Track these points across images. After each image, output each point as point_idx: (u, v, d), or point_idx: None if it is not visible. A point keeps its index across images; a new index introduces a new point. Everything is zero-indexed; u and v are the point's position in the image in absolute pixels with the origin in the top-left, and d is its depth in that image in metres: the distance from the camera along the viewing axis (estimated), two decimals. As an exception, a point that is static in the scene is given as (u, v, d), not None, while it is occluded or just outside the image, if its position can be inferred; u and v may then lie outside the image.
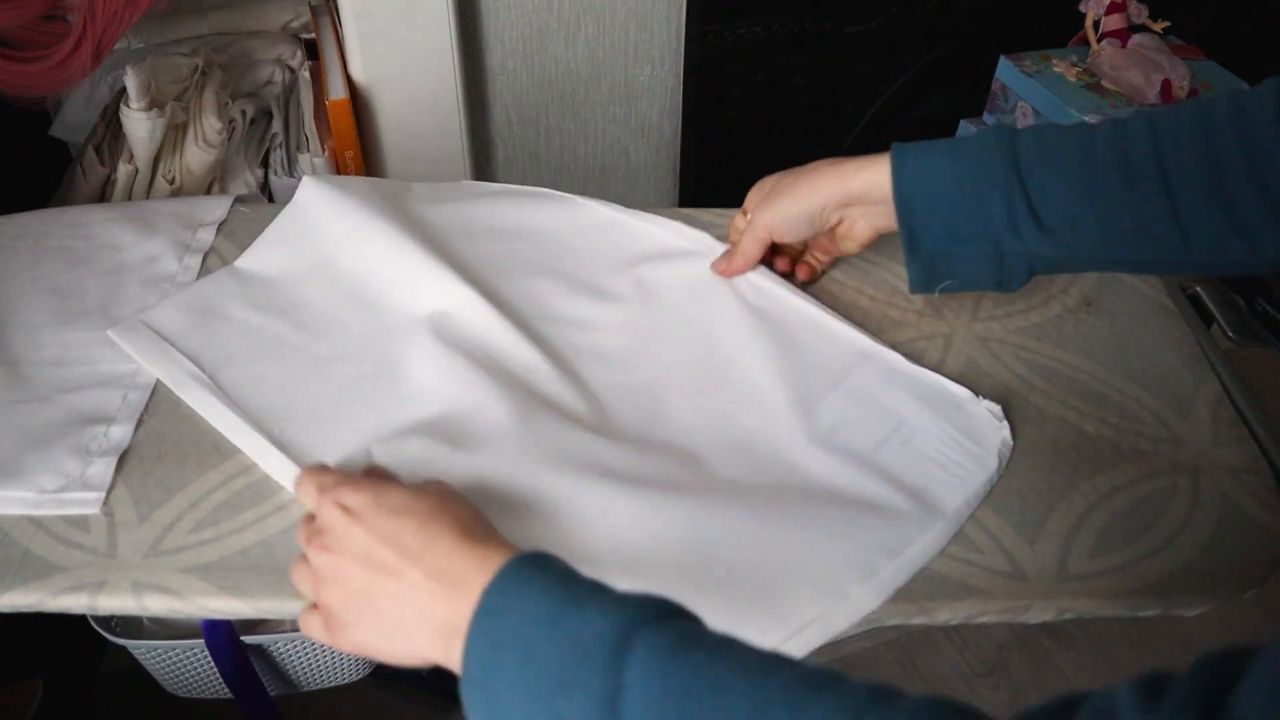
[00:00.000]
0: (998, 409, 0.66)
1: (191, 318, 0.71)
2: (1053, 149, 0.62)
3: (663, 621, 0.40)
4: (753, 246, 0.73)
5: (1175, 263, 0.62)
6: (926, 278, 0.67)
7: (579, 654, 0.39)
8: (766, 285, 0.74)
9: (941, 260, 0.66)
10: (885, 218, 0.68)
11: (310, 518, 0.52)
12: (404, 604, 0.45)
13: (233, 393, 0.66)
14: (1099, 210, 0.61)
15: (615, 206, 0.82)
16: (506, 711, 0.40)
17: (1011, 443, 0.65)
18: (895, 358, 0.69)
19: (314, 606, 0.51)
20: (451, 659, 0.43)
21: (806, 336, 0.71)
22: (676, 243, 0.79)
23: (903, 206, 0.65)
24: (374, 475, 0.54)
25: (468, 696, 0.41)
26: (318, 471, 0.54)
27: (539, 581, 0.42)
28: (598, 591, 0.42)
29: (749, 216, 0.73)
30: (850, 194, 0.68)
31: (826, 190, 0.68)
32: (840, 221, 0.71)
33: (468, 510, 0.49)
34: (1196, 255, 0.60)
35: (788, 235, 0.72)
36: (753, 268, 0.75)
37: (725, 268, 0.75)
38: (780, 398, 0.67)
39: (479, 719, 0.41)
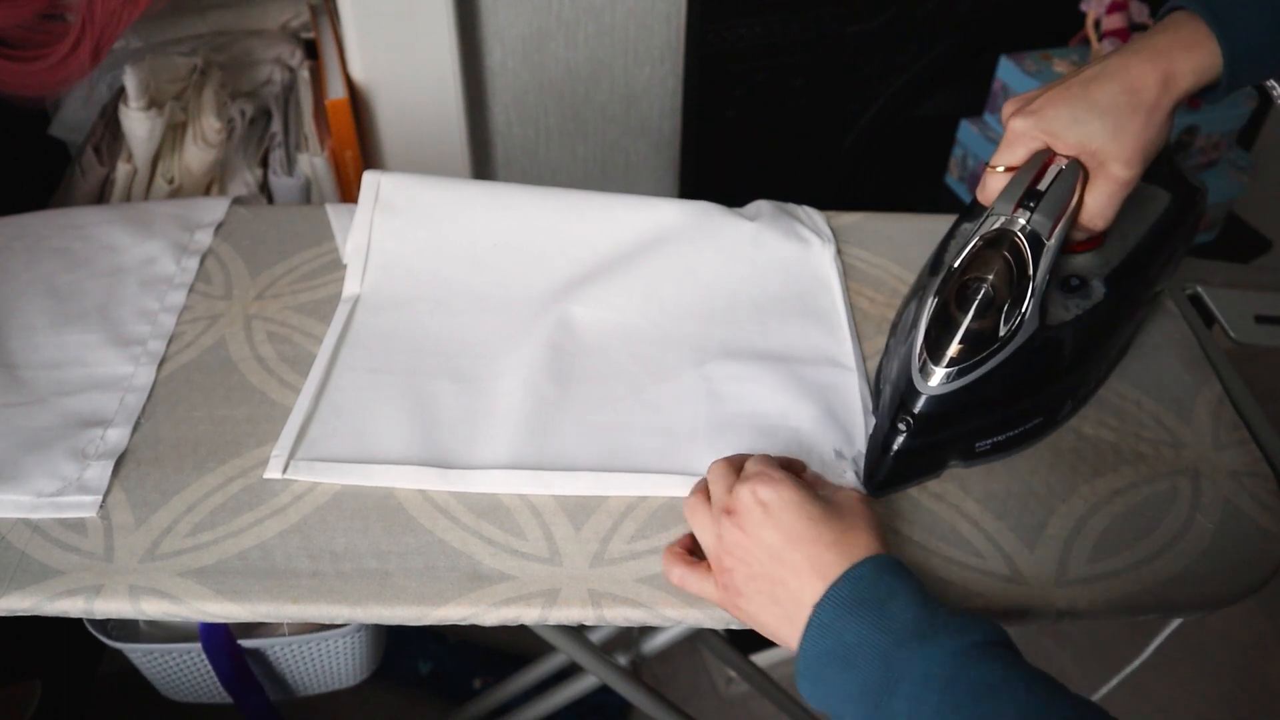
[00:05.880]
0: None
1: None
2: None
3: (957, 659, 0.45)
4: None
5: None
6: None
7: (889, 679, 0.46)
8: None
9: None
10: None
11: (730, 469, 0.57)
12: (794, 595, 0.51)
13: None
14: None
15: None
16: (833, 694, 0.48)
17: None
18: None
19: (690, 552, 0.58)
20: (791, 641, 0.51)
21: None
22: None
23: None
24: (784, 467, 0.57)
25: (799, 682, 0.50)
26: (733, 458, 0.59)
27: (859, 606, 0.49)
28: (914, 616, 0.47)
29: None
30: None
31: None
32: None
33: (866, 515, 0.54)
34: None
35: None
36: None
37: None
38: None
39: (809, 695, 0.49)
